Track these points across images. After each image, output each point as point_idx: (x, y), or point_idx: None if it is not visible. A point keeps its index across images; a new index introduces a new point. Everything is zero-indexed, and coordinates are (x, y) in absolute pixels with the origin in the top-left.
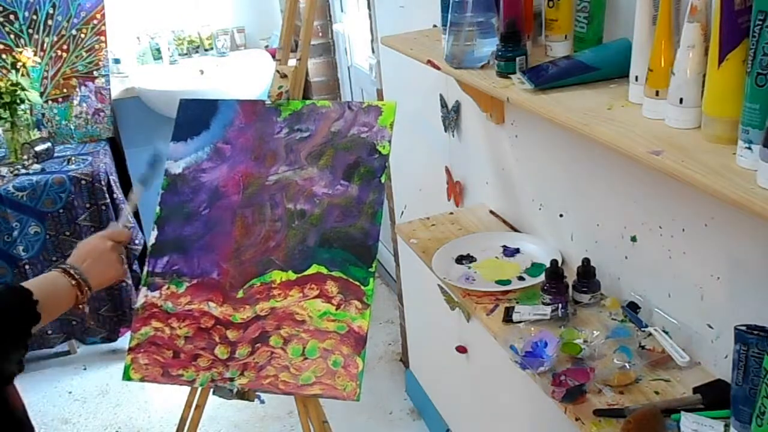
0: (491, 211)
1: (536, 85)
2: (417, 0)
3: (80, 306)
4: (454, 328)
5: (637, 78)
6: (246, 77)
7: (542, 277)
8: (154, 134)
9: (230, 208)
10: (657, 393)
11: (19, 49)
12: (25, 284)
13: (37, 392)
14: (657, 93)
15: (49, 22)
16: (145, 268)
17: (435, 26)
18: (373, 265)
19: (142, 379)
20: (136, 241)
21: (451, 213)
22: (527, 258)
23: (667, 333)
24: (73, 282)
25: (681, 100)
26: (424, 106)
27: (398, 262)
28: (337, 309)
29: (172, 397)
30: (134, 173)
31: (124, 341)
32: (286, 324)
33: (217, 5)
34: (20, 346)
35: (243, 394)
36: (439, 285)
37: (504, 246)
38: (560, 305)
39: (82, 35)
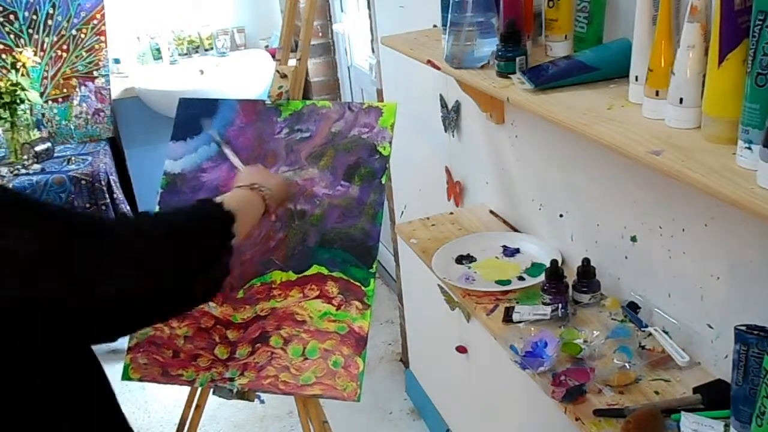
0: (491, 211)
1: (536, 85)
2: (417, 0)
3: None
4: (454, 328)
5: (637, 78)
6: (246, 77)
7: (542, 277)
8: (154, 134)
9: None
10: (657, 393)
11: (19, 49)
12: (216, 199)
13: None
14: (657, 93)
15: (49, 22)
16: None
17: (435, 26)
18: (374, 266)
19: (141, 379)
20: None
21: (451, 213)
22: (527, 258)
23: (667, 333)
24: (256, 191)
25: (681, 100)
26: (424, 106)
27: (398, 262)
28: (337, 309)
29: (172, 397)
30: (134, 173)
31: (123, 341)
32: (287, 324)
33: (217, 5)
34: (223, 256)
35: (243, 394)
36: (439, 285)
37: (504, 246)
38: (560, 305)
39: (82, 35)
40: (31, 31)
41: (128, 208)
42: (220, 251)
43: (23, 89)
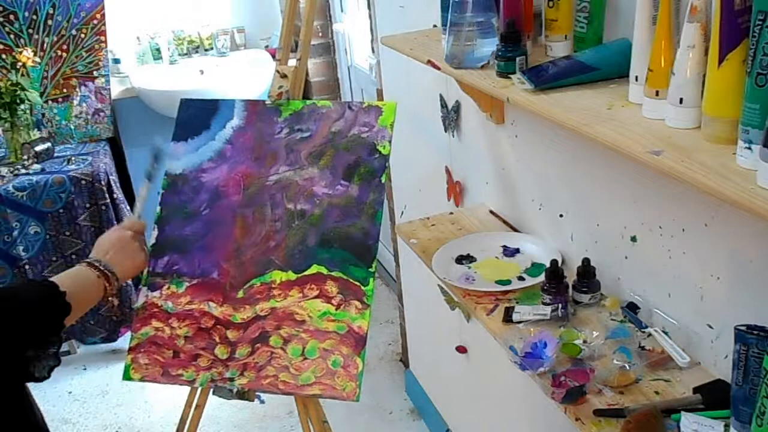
0: (491, 211)
1: (536, 85)
2: (417, 0)
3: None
4: (454, 328)
5: (637, 78)
6: (246, 77)
7: (542, 277)
8: (154, 134)
9: (230, 208)
10: (657, 393)
11: (19, 49)
12: (51, 278)
13: (37, 392)
14: (657, 93)
15: (49, 22)
16: (146, 268)
17: (435, 26)
18: (373, 266)
19: (142, 379)
20: None
21: (451, 213)
22: (527, 258)
23: (666, 333)
24: (98, 274)
25: (681, 100)
26: (424, 106)
27: (398, 262)
28: (337, 309)
29: (172, 397)
30: (134, 173)
31: (124, 341)
32: (286, 324)
33: (217, 5)
34: (54, 338)
35: (243, 394)
36: (439, 285)
37: (504, 246)
38: (560, 305)
39: (82, 35)
40: (31, 31)
41: (128, 207)
42: (53, 341)
43: (23, 89)
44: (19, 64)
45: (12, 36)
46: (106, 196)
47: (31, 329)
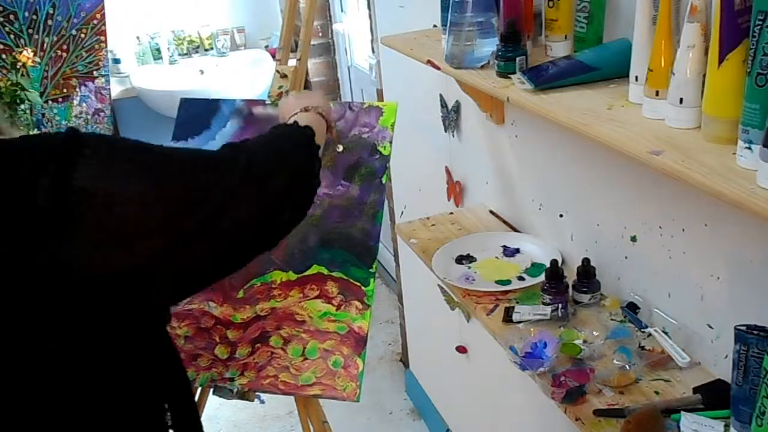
0: (491, 211)
1: (536, 85)
2: (417, 0)
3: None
4: (454, 328)
5: (637, 78)
6: (246, 77)
7: (542, 277)
8: (154, 134)
9: None
10: (657, 393)
11: (19, 49)
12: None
13: None
14: (657, 93)
15: (49, 22)
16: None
17: (435, 26)
18: (374, 266)
19: None
20: None
21: (451, 213)
22: (527, 258)
23: (666, 333)
24: (309, 112)
25: (681, 100)
26: (424, 106)
27: (398, 262)
28: (337, 309)
29: None
30: None
31: None
32: (287, 324)
33: (217, 5)
34: (318, 163)
35: (243, 394)
36: (439, 285)
37: (504, 246)
38: (560, 305)
39: (82, 35)
40: (31, 31)
41: None
42: (315, 163)
43: (23, 89)
44: (19, 64)
45: (12, 36)
46: None
47: (300, 156)
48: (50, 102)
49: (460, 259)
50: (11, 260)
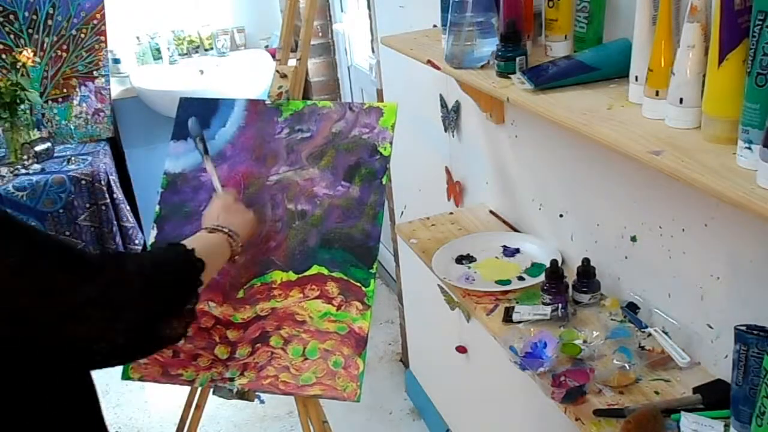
0: (491, 211)
1: (536, 85)
2: (417, 0)
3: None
4: (454, 328)
5: (637, 78)
6: (246, 77)
7: (542, 277)
8: (154, 134)
9: None
10: (657, 393)
11: (19, 49)
12: (182, 242)
13: None
14: (657, 93)
15: (49, 22)
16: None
17: (435, 26)
18: (374, 267)
19: (141, 379)
20: (136, 241)
21: (451, 213)
22: (527, 258)
23: (666, 333)
24: (220, 234)
25: (681, 100)
26: (424, 106)
27: (398, 262)
28: (337, 310)
29: (172, 397)
30: (134, 173)
31: None
32: (287, 324)
33: (217, 5)
34: (190, 303)
35: (243, 394)
36: (439, 285)
37: (504, 246)
38: (560, 305)
39: (82, 35)
40: (31, 31)
41: (128, 208)
42: (191, 299)
43: (23, 89)
44: (19, 64)
45: (12, 36)
46: (106, 196)
47: (172, 291)
48: (50, 102)
49: (460, 259)
50: None
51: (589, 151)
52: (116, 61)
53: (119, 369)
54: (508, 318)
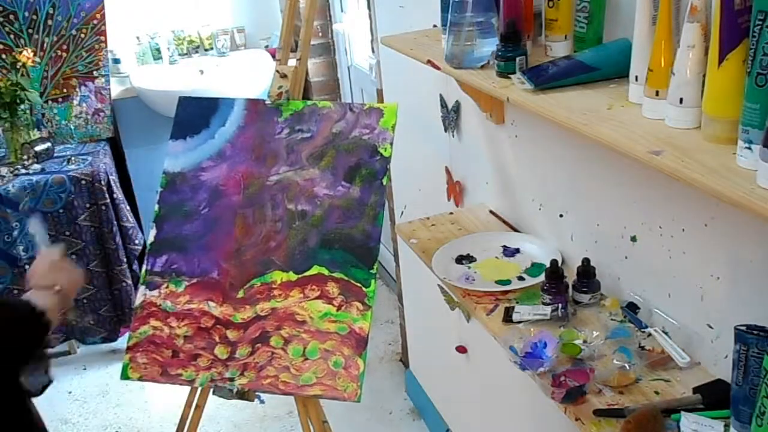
0: (491, 211)
1: (536, 85)
2: (417, 0)
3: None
4: (454, 328)
5: (637, 78)
6: (246, 77)
7: (542, 277)
8: (154, 134)
9: (230, 207)
10: (657, 393)
11: (19, 49)
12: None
13: None
14: (657, 93)
15: (49, 22)
16: (144, 267)
17: (435, 26)
18: (375, 267)
19: (140, 378)
20: (136, 241)
21: (451, 213)
22: (527, 258)
23: (666, 333)
24: (50, 292)
25: (681, 100)
26: (424, 106)
27: (398, 262)
28: (338, 310)
29: (172, 397)
30: (134, 173)
31: (124, 341)
32: (287, 324)
33: (217, 5)
34: (42, 356)
35: (243, 394)
36: (439, 285)
37: (504, 246)
38: (560, 305)
39: (82, 35)
40: (31, 31)
41: (128, 208)
42: (39, 355)
43: (23, 89)
44: (19, 64)
45: (12, 36)
46: (106, 196)
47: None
48: (50, 102)
49: (460, 259)
50: None
51: (589, 151)
52: (116, 61)
53: (119, 368)
54: (508, 318)
